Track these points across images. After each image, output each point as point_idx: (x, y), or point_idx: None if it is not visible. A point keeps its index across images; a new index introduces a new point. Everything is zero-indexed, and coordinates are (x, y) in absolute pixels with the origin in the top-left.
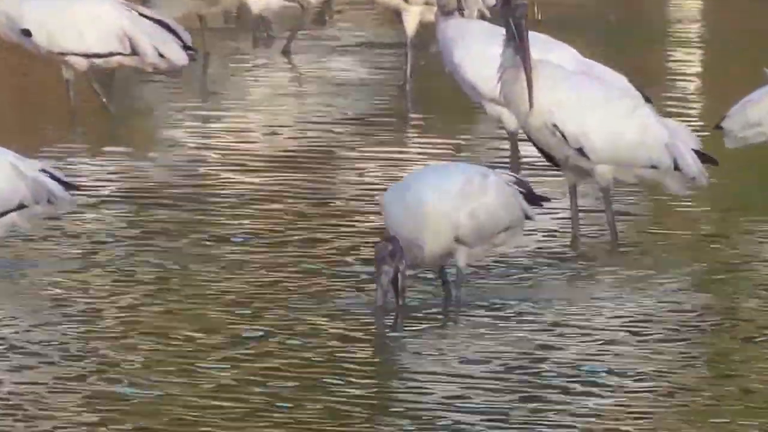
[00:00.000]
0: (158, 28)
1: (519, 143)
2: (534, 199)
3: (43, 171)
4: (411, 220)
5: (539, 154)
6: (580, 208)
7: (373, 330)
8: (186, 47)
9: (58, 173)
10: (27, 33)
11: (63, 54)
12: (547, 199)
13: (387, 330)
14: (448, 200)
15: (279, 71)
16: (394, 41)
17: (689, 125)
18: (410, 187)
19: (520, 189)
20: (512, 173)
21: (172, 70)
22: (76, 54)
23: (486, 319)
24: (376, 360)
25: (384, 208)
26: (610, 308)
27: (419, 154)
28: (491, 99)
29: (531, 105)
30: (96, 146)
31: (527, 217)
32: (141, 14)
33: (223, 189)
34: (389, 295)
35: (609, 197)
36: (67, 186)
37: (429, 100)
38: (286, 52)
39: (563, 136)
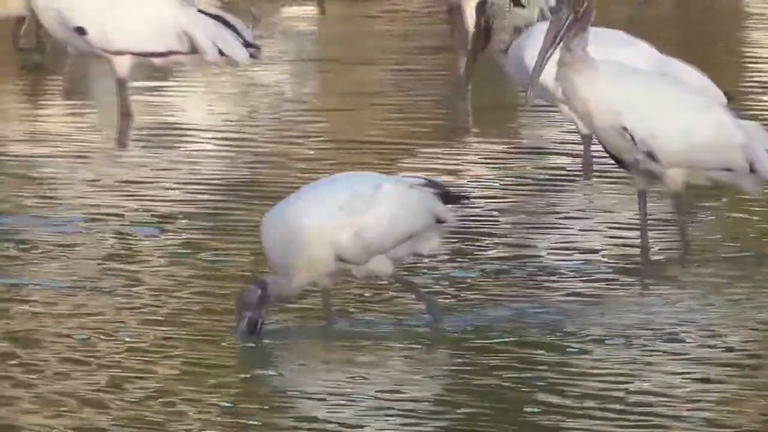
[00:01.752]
0: (218, 24)
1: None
2: (452, 198)
3: None
4: (286, 245)
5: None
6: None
7: None
8: (247, 44)
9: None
10: (81, 31)
11: (118, 53)
12: (466, 198)
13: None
14: (328, 219)
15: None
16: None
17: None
18: (288, 206)
19: (435, 190)
20: (420, 176)
21: (233, 67)
22: (132, 53)
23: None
24: None
25: (261, 233)
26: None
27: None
28: (562, 100)
29: (528, 98)
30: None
31: (440, 221)
32: (199, 10)
33: None
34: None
35: (680, 202)
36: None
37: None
38: None
39: (632, 138)
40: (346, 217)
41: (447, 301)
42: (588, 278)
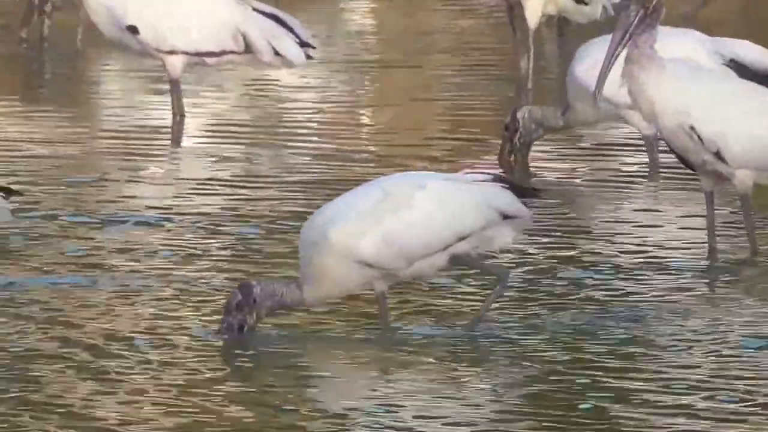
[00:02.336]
0: (273, 23)
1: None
2: (525, 193)
3: None
4: (310, 250)
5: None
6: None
7: None
8: (303, 44)
9: None
10: (133, 30)
11: (171, 52)
12: (538, 191)
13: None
14: (349, 225)
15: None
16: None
17: None
18: (321, 211)
19: (503, 186)
20: (487, 171)
21: (288, 68)
22: (186, 53)
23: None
24: None
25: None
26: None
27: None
28: (626, 104)
29: (596, 95)
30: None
31: (507, 216)
32: (254, 9)
33: None
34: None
35: (748, 204)
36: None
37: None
38: None
39: (699, 138)
40: (371, 221)
41: (513, 302)
42: (656, 280)
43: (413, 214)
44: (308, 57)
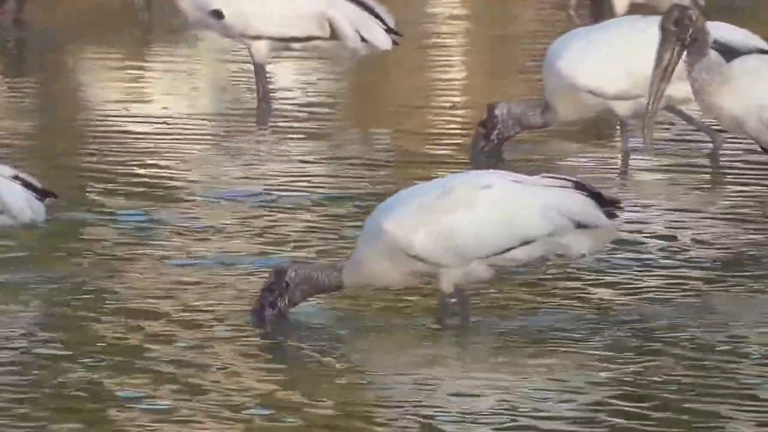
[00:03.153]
0: (359, 9)
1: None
2: (606, 203)
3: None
4: (367, 236)
5: None
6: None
7: None
8: (389, 30)
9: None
10: (218, 14)
11: (256, 38)
12: (618, 202)
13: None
14: (403, 217)
15: None
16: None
17: None
18: (384, 204)
19: (584, 193)
20: (568, 177)
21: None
22: (271, 38)
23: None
24: None
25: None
26: None
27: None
28: (614, 95)
29: (645, 143)
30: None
31: (581, 225)
32: None
33: None
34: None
35: None
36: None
37: None
38: None
39: None
40: (430, 217)
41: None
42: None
43: (472, 213)
44: (394, 43)
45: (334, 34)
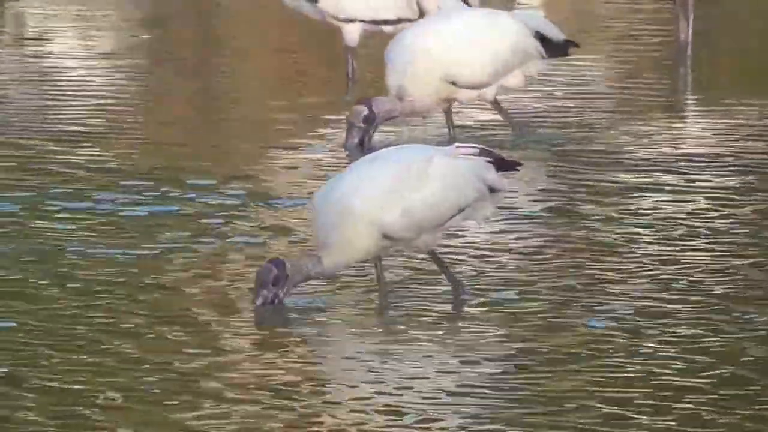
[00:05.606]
0: None
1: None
2: (506, 166)
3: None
4: (332, 224)
5: None
6: None
7: None
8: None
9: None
10: None
11: (350, 21)
12: (520, 164)
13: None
14: (375, 199)
15: None
16: None
17: None
18: (337, 184)
19: (487, 159)
20: (474, 144)
21: None
22: (363, 21)
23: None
24: None
25: (313, 212)
26: None
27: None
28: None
29: None
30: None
31: (493, 189)
32: None
33: None
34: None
35: None
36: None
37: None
38: None
39: None
40: (394, 196)
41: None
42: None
43: (429, 189)
44: None
45: (423, 15)
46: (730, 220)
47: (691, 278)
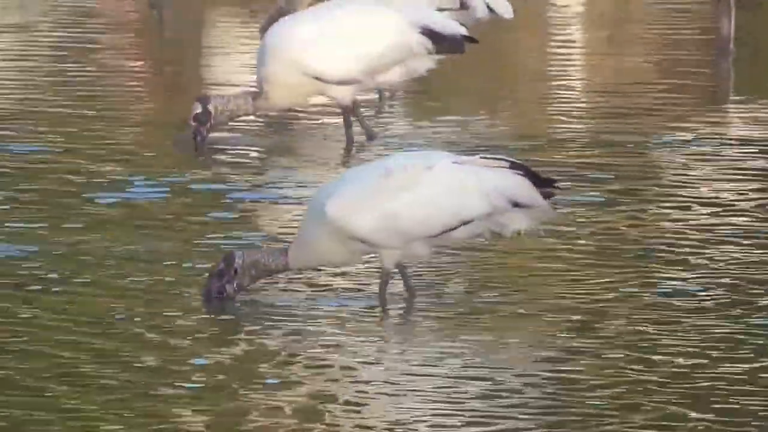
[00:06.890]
0: None
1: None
2: (542, 183)
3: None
4: (309, 221)
5: None
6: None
7: None
8: None
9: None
10: None
11: None
12: (556, 181)
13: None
14: (342, 201)
15: None
16: None
17: None
18: (326, 185)
19: (518, 172)
20: (504, 157)
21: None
22: None
23: None
24: None
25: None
26: None
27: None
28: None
29: None
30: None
31: (518, 205)
32: None
33: None
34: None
35: None
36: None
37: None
38: None
39: None
40: (371, 199)
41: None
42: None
43: (414, 195)
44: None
45: (464, 4)
46: None
47: None
